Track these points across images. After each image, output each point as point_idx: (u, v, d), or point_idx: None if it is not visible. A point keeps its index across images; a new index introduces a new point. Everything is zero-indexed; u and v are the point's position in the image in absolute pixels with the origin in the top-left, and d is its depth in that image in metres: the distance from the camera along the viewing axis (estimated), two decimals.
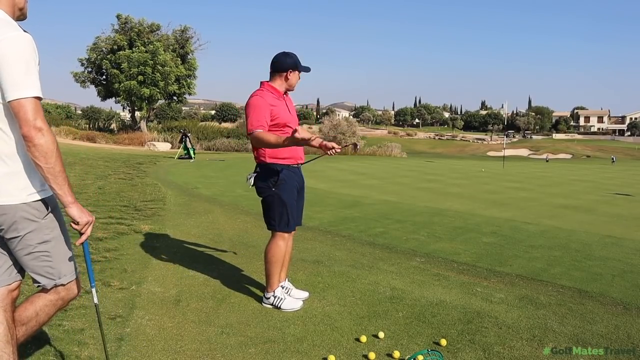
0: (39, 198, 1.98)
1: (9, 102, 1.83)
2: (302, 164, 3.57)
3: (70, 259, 2.12)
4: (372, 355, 2.70)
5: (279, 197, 3.36)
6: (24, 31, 1.91)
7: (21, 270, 2.13)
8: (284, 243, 3.47)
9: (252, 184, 3.45)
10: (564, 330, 3.17)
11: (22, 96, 1.82)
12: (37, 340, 2.75)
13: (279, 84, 3.42)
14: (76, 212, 1.97)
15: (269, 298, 3.48)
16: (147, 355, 2.71)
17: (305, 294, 3.69)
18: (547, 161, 47.26)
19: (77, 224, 1.99)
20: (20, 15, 2.05)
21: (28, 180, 1.95)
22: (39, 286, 2.10)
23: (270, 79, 3.44)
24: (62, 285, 2.11)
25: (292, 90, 3.51)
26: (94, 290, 2.28)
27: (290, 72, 3.40)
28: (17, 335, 2.09)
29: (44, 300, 2.13)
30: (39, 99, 1.87)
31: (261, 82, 3.47)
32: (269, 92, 3.37)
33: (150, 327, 3.06)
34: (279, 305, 3.42)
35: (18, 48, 1.83)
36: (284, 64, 3.38)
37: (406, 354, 2.76)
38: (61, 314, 3.19)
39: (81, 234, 2.04)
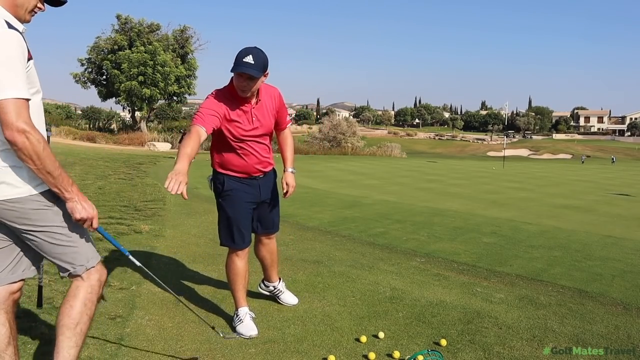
0: (42, 190, 1.94)
1: None
2: (262, 174, 3.13)
3: (90, 242, 2.11)
4: (372, 355, 2.70)
5: (223, 209, 3.08)
6: (10, 27, 1.81)
7: (26, 269, 2.09)
8: (239, 260, 3.11)
9: (211, 187, 3.17)
10: (564, 330, 3.17)
11: (3, 97, 1.73)
12: (37, 340, 2.76)
13: None
14: (73, 206, 1.93)
15: (235, 316, 3.17)
16: (147, 355, 2.72)
17: (296, 300, 3.57)
18: (582, 162, 45.39)
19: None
20: (23, 16, 1.95)
21: (26, 173, 1.90)
22: (69, 275, 2.06)
23: None
24: (93, 267, 2.09)
25: (242, 95, 2.85)
26: (130, 256, 2.38)
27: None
28: (78, 340, 2.05)
29: (84, 288, 2.08)
30: (22, 99, 1.77)
31: None
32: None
33: (150, 327, 3.07)
34: (235, 326, 3.09)
35: (0, 46, 1.75)
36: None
37: (406, 354, 2.76)
38: None
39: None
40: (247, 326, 3.04)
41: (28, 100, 1.81)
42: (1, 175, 1.88)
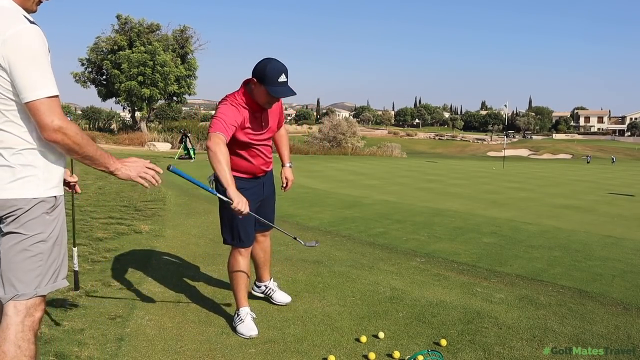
0: (51, 195, 1.89)
1: (24, 103, 1.76)
2: (264, 174, 3.24)
3: (56, 269, 1.93)
4: (372, 355, 2.70)
5: (229, 208, 2.93)
6: (31, 22, 1.78)
7: None
8: (242, 258, 3.13)
9: (213, 186, 3.11)
10: (564, 330, 3.17)
11: (36, 97, 1.73)
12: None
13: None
14: (124, 172, 2.00)
15: (236, 315, 3.16)
16: (147, 355, 2.72)
17: (288, 299, 3.57)
18: (588, 162, 44.46)
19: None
20: (31, 7, 1.90)
21: (41, 174, 1.86)
22: (5, 299, 1.85)
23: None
24: (36, 297, 1.87)
25: (267, 108, 2.98)
26: (210, 190, 2.75)
27: (254, 81, 2.86)
28: None
29: (14, 327, 1.83)
30: (54, 97, 1.77)
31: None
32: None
33: (150, 327, 3.07)
34: (235, 326, 3.09)
35: (26, 44, 1.73)
36: (254, 68, 2.86)
37: (406, 354, 2.76)
38: (61, 314, 3.19)
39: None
40: (248, 326, 3.04)
41: (57, 96, 1.81)
42: (18, 173, 1.82)
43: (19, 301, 1.85)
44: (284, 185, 3.43)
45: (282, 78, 2.80)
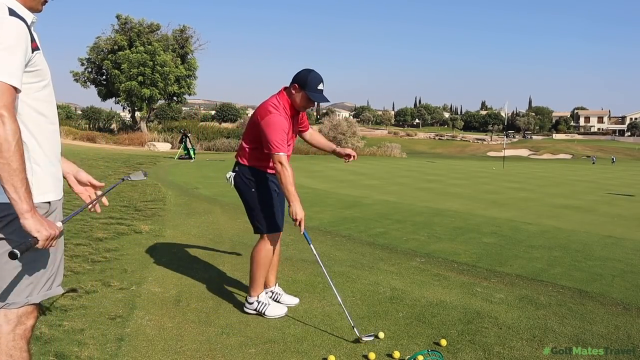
0: (44, 200, 1.79)
1: None
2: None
3: (51, 276, 1.83)
4: (372, 355, 2.70)
5: (261, 197, 3.27)
6: (12, 14, 1.67)
7: None
8: (273, 245, 3.32)
9: (232, 183, 3.34)
10: (564, 330, 3.17)
11: None
12: (37, 340, 2.76)
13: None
14: (32, 223, 1.61)
15: (252, 303, 3.32)
16: (147, 355, 2.72)
17: (296, 300, 3.59)
18: (593, 163, 44.15)
19: (35, 238, 1.62)
20: (36, 6, 1.82)
21: (32, 178, 1.72)
22: None
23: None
24: (27, 305, 1.78)
25: (299, 110, 3.31)
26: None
27: (296, 87, 3.19)
28: None
29: (4, 337, 1.76)
30: (10, 86, 1.60)
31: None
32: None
33: (150, 327, 3.07)
34: (262, 311, 3.26)
35: None
36: (296, 76, 3.19)
37: (406, 354, 2.76)
38: (61, 314, 3.19)
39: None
40: (277, 306, 3.32)
41: (17, 90, 1.64)
42: None
43: (10, 310, 1.76)
44: (352, 157, 3.61)
45: (321, 86, 3.18)
